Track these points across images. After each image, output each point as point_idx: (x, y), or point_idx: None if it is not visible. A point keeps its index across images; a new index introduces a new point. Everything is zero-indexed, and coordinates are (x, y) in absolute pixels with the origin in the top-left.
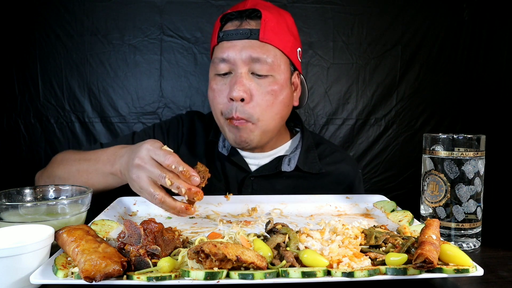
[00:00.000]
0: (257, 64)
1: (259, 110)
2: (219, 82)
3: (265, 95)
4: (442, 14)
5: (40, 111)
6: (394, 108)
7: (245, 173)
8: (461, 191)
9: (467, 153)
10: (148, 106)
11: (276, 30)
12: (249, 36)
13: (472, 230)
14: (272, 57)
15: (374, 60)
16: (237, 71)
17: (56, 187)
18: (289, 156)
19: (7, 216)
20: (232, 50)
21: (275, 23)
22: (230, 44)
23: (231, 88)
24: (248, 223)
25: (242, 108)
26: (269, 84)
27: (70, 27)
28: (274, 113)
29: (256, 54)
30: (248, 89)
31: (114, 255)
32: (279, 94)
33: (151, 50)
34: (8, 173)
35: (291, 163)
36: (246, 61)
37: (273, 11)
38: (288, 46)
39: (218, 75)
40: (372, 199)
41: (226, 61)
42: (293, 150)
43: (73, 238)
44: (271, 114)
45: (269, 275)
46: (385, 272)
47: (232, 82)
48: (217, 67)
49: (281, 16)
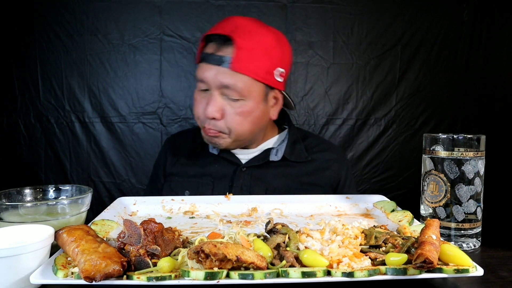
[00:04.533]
0: (227, 90)
1: (231, 126)
2: (199, 95)
3: (235, 116)
4: (442, 14)
5: (40, 111)
6: (394, 108)
7: (237, 166)
8: (461, 191)
9: (467, 153)
10: (148, 106)
11: (249, 58)
12: (221, 63)
13: (472, 230)
14: (242, 85)
15: (374, 60)
16: (212, 92)
17: (56, 187)
18: (276, 148)
19: (7, 216)
20: (207, 73)
21: (248, 51)
22: (207, 67)
23: (206, 106)
24: (248, 223)
25: (214, 123)
26: (240, 107)
27: (70, 27)
28: (245, 129)
29: (227, 81)
30: (220, 109)
31: (114, 255)
32: (248, 116)
33: (151, 50)
34: (8, 173)
35: (278, 153)
36: (218, 85)
37: (250, 37)
38: (262, 72)
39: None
40: (372, 199)
41: (203, 82)
42: (280, 143)
43: (73, 238)
44: (242, 130)
45: (269, 275)
46: (385, 272)
47: (207, 101)
48: (197, 84)
49: (259, 40)
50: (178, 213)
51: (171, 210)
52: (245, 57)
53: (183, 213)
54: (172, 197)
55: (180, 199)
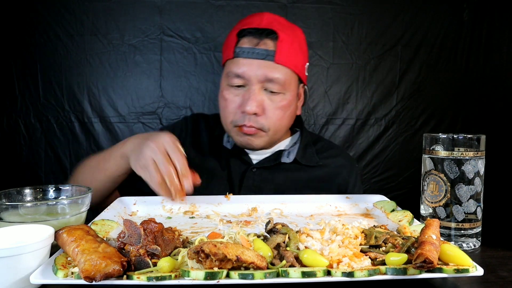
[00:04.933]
0: (270, 83)
1: (271, 122)
2: (231, 93)
3: (275, 110)
4: (442, 14)
5: (40, 111)
6: (394, 108)
7: (247, 165)
8: (461, 191)
9: (467, 153)
10: (148, 106)
11: (290, 51)
12: (265, 57)
13: (472, 230)
14: (284, 77)
15: (374, 60)
16: (251, 87)
17: (56, 187)
18: (288, 150)
19: (7, 216)
20: (248, 68)
21: (289, 45)
22: (246, 62)
23: (245, 102)
24: (248, 223)
25: (255, 119)
26: (280, 101)
27: (70, 27)
28: (283, 125)
29: (271, 74)
30: (261, 104)
31: (114, 255)
32: (287, 109)
33: (151, 50)
34: (8, 173)
35: (290, 156)
36: (261, 79)
37: (287, 30)
38: (299, 65)
39: (231, 86)
40: (372, 199)
41: (241, 77)
42: (292, 145)
43: (73, 238)
44: (280, 126)
45: (269, 275)
46: (385, 272)
47: (246, 97)
48: (231, 80)
49: (294, 34)
50: (178, 213)
51: (171, 210)
52: (287, 49)
53: (183, 213)
54: None
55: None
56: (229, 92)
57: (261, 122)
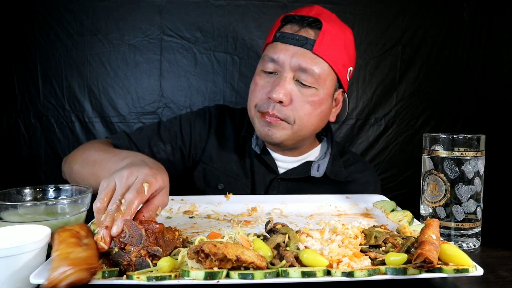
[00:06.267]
0: (304, 74)
1: (297, 115)
2: (263, 78)
3: (304, 104)
4: (442, 14)
5: (40, 111)
6: (394, 108)
7: (273, 174)
8: (461, 191)
9: (467, 153)
10: (148, 106)
11: (332, 45)
12: (303, 44)
13: (472, 230)
14: (320, 70)
15: (374, 60)
16: (282, 74)
17: (56, 187)
18: (318, 162)
19: (6, 216)
20: (283, 53)
21: (332, 38)
22: (283, 47)
23: (273, 89)
24: (248, 223)
25: (280, 108)
26: (311, 95)
27: (70, 27)
28: (310, 123)
29: (305, 64)
30: (289, 93)
31: (84, 261)
32: (318, 107)
33: (151, 50)
34: (8, 173)
35: (320, 169)
36: (294, 67)
37: (334, 25)
38: (340, 63)
39: (264, 72)
40: (372, 199)
41: (275, 62)
42: (321, 157)
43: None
44: (307, 122)
45: (269, 275)
46: (385, 272)
47: (275, 83)
48: (265, 65)
49: (341, 31)
50: (178, 213)
51: (171, 210)
52: (329, 42)
53: (183, 213)
54: (172, 197)
55: (180, 199)
56: (261, 77)
57: (286, 112)
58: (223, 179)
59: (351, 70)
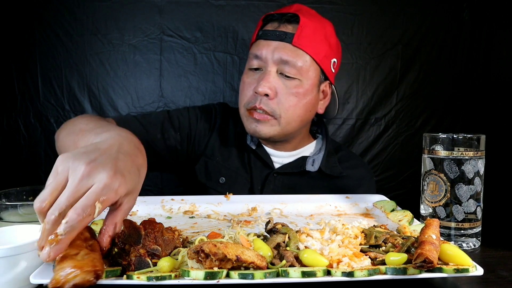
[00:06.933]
0: (286, 66)
1: (282, 108)
2: (250, 76)
3: (289, 96)
4: (442, 14)
5: (40, 111)
6: (394, 108)
7: (269, 169)
8: (461, 190)
9: (467, 152)
10: (148, 106)
11: (311, 37)
12: (283, 38)
13: (472, 230)
14: (302, 62)
15: (374, 60)
16: (266, 69)
17: None
18: (313, 157)
19: (7, 216)
20: (265, 49)
21: (312, 31)
22: (265, 43)
23: (258, 83)
24: (248, 223)
25: (267, 101)
26: (295, 87)
27: (70, 27)
28: (296, 114)
29: (287, 56)
30: (274, 87)
31: (89, 264)
32: (303, 98)
33: (151, 50)
34: (8, 173)
35: (315, 164)
36: (276, 61)
37: (313, 18)
38: (321, 54)
39: (250, 70)
40: (372, 198)
41: (258, 58)
42: (316, 152)
43: None
44: (293, 115)
45: (269, 275)
46: (385, 271)
47: (260, 78)
48: (250, 62)
49: (320, 24)
50: (178, 212)
51: (171, 210)
52: (308, 35)
53: (183, 213)
54: (172, 197)
55: (180, 199)
56: (247, 75)
57: (272, 106)
58: (225, 172)
59: (335, 61)
